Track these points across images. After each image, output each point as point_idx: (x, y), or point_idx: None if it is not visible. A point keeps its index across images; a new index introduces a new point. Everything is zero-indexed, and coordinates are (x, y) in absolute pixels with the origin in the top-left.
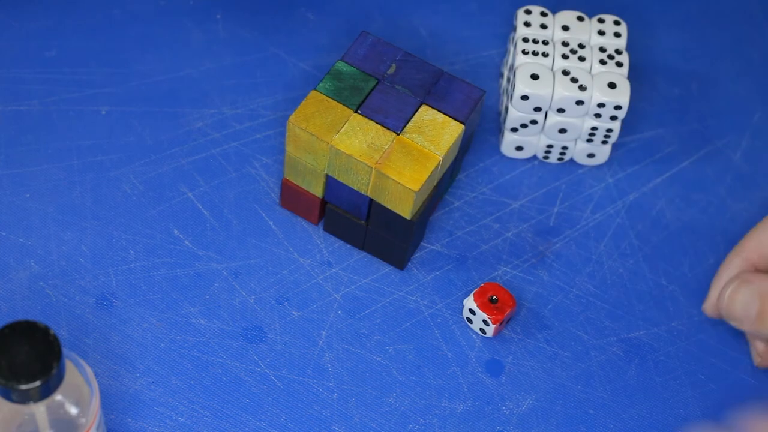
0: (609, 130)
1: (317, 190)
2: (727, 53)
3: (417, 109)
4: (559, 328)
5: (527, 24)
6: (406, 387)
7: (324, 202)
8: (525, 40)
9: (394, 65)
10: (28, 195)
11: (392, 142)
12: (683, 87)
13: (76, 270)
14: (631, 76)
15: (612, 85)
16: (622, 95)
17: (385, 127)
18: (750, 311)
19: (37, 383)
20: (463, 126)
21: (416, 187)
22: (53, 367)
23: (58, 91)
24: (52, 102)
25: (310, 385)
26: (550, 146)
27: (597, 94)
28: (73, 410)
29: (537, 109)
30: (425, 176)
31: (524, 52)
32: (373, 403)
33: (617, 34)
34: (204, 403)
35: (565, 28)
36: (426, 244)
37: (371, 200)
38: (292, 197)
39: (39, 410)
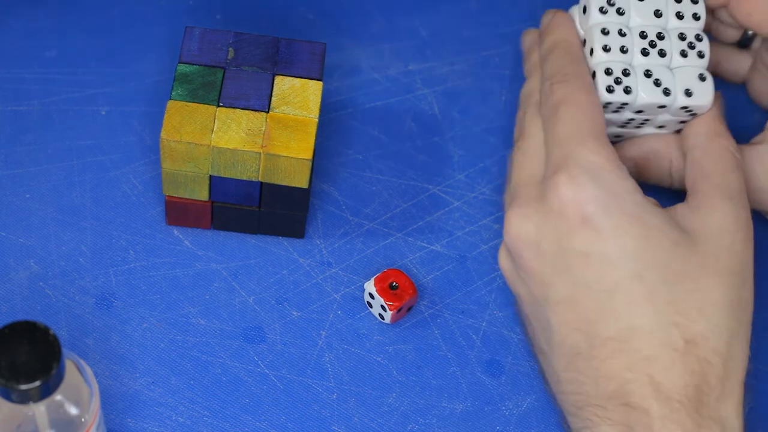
0: (682, 122)
1: (203, 194)
2: None
3: (273, 82)
4: None
5: (603, 11)
6: (405, 387)
7: (212, 204)
8: (604, 32)
9: (231, 49)
10: (28, 195)
11: (266, 121)
12: None
13: (75, 270)
14: None
15: (689, 93)
16: (705, 96)
17: (252, 110)
18: None
19: (37, 383)
20: (321, 83)
21: (308, 155)
22: (53, 367)
23: (58, 91)
24: (52, 102)
25: (309, 385)
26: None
27: (681, 97)
28: (73, 410)
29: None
30: (312, 142)
31: (605, 49)
32: (373, 403)
33: (696, 17)
34: (204, 403)
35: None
36: (426, 244)
37: (262, 184)
38: (178, 212)
39: (39, 410)
